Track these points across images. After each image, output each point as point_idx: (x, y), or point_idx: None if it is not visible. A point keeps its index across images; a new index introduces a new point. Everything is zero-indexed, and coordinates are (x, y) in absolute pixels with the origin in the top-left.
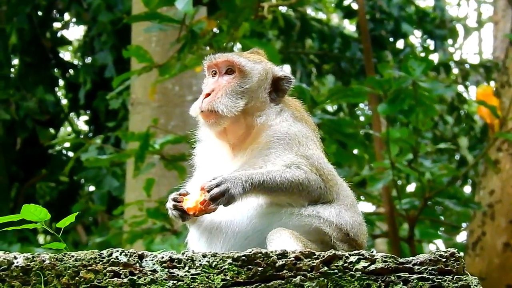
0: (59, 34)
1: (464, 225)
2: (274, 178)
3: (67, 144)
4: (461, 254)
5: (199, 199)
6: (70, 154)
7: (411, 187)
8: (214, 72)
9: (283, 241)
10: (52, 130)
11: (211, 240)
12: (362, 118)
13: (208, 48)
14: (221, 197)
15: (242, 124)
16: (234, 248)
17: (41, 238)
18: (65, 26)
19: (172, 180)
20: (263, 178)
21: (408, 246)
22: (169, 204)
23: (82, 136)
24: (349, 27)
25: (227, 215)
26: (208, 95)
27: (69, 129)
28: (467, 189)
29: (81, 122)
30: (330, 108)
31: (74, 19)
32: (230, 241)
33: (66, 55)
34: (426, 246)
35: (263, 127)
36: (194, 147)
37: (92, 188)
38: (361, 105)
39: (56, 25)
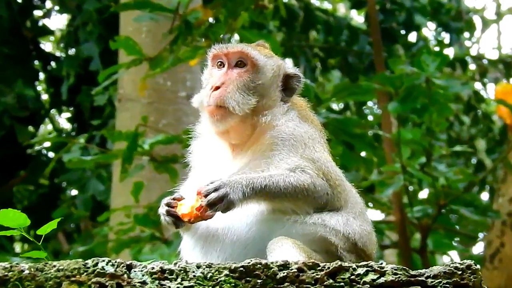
0: (40, 23)
1: (481, 235)
2: (277, 182)
3: (47, 144)
4: (478, 266)
5: (194, 204)
6: (51, 154)
7: (423, 193)
8: (220, 63)
9: (285, 251)
10: (31, 128)
11: (206, 249)
12: (370, 118)
13: (203, 40)
14: (219, 203)
15: (249, 124)
16: (232, 257)
17: (17, 247)
18: (47, 14)
19: (163, 184)
20: (265, 182)
21: (420, 258)
22: (162, 210)
23: (64, 135)
24: (357, 18)
25: (225, 222)
26: (217, 88)
27: (50, 127)
28: (485, 196)
29: (63, 120)
30: (336, 106)
31: (56, 7)
32: (228, 250)
33: (47, 46)
34: (440, 258)
35: (268, 126)
36: (189, 145)
37: (75, 192)
38: (370, 104)
39: (37, 13)
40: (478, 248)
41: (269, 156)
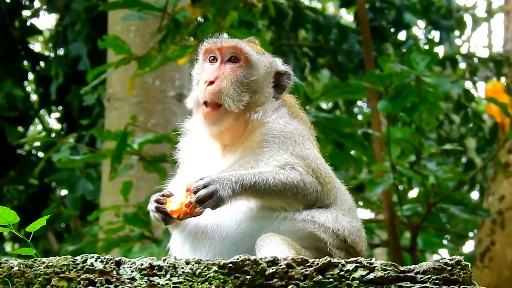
0: (28, 23)
1: (471, 234)
2: (267, 179)
3: (37, 144)
4: (468, 263)
5: (184, 201)
6: (41, 154)
7: (413, 192)
8: (213, 57)
9: (274, 247)
10: (21, 128)
11: (196, 246)
12: (360, 117)
13: (192, 38)
14: (209, 199)
15: (241, 122)
16: (221, 254)
17: (8, 246)
18: (35, 14)
19: (152, 183)
20: (254, 179)
21: (410, 257)
22: (151, 206)
23: (53, 135)
24: (347, 17)
25: (214, 218)
26: (211, 83)
27: (39, 127)
28: (475, 194)
29: (53, 120)
30: (325, 105)
31: (45, 6)
32: (217, 246)
33: (36, 46)
34: (430, 257)
35: (258, 123)
36: (178, 143)
37: (64, 192)
38: (360, 103)
39: (26, 13)
40: (468, 247)
41: (259, 153)
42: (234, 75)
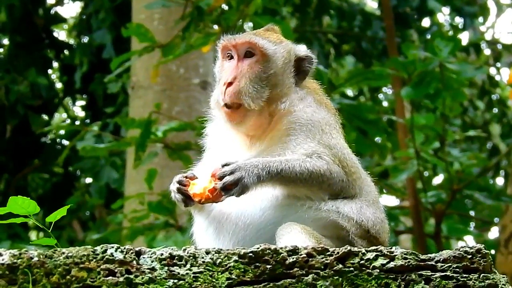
0: (52, 11)
1: (496, 220)
2: (293, 167)
3: (61, 132)
4: (488, 251)
5: (208, 185)
6: (65, 142)
7: (438, 179)
8: (229, 54)
9: (294, 236)
10: (45, 117)
11: (219, 231)
12: (384, 103)
13: (216, 26)
14: (234, 187)
15: (266, 114)
16: (244, 241)
17: (33, 235)
18: (59, 2)
19: (176, 171)
20: (281, 166)
21: (435, 243)
22: (173, 187)
23: (78, 123)
24: (371, 3)
25: (239, 205)
26: (230, 84)
27: (64, 115)
28: (500, 180)
29: (77, 108)
30: (349, 92)
31: None
32: (240, 233)
33: (60, 34)
34: (455, 243)
35: (285, 113)
36: (202, 132)
37: (89, 180)
38: (384, 89)
39: (50, 1)
40: (493, 233)
41: (285, 141)
42: (252, 71)
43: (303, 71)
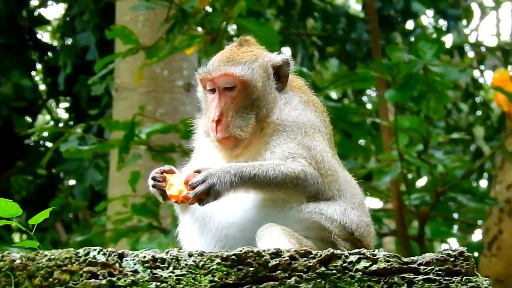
0: (36, 13)
1: (479, 222)
2: (267, 171)
3: (45, 134)
4: (470, 254)
5: (182, 190)
6: (49, 144)
7: (421, 181)
8: (209, 88)
9: (274, 237)
10: (28, 118)
11: (203, 229)
12: (368, 106)
13: (200, 28)
14: (206, 195)
15: (257, 130)
16: (227, 239)
17: (16, 237)
18: (43, 4)
19: None
20: (254, 171)
21: (418, 246)
22: (150, 182)
23: (61, 125)
24: (355, 6)
25: (223, 204)
26: (218, 121)
27: (47, 117)
28: (483, 183)
29: (61, 110)
30: (334, 94)
31: None
32: (223, 231)
33: (44, 36)
34: (438, 246)
35: (273, 121)
36: (186, 134)
37: (72, 182)
38: (368, 91)
39: (34, 2)
40: (476, 236)
41: (268, 142)
42: (236, 103)
43: (284, 76)
